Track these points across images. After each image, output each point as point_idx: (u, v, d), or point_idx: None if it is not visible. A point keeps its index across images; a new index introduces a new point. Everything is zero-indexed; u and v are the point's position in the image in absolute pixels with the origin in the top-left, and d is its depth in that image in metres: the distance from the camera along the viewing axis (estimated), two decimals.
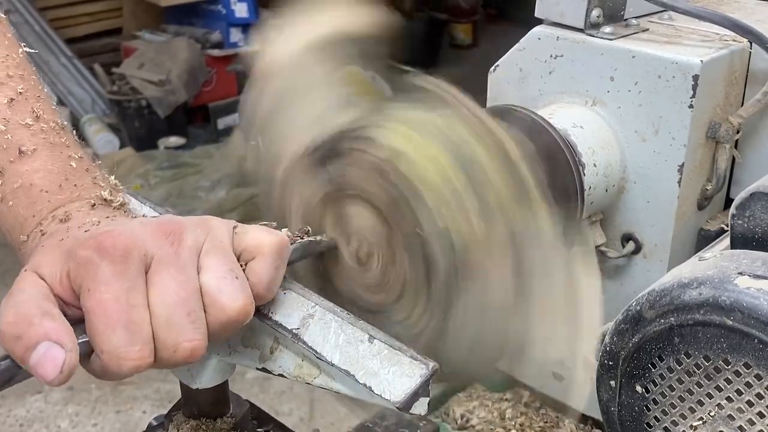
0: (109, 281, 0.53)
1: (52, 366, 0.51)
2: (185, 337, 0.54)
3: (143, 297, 0.54)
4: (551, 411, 1.12)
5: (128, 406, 2.64)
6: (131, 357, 0.53)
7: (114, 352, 0.53)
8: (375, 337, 0.58)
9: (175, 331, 0.54)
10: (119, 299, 0.53)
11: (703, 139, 0.91)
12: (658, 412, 0.71)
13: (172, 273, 0.55)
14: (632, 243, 0.95)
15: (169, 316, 0.54)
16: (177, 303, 0.54)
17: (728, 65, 0.92)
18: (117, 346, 0.52)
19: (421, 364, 0.56)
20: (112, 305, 0.53)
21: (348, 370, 0.57)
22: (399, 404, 0.55)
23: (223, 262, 0.57)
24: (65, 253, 0.55)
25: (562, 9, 0.95)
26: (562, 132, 0.88)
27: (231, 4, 4.52)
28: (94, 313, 0.53)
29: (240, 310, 0.56)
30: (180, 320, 0.54)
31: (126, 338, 0.53)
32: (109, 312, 0.52)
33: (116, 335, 0.52)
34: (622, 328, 0.71)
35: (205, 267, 0.56)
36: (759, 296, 0.63)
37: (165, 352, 0.54)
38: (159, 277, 0.54)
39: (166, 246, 0.56)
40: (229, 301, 0.56)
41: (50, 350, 0.51)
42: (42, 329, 0.51)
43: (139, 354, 0.53)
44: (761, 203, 0.72)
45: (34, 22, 4.44)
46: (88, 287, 0.53)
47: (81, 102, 4.57)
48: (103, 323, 0.52)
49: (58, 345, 0.51)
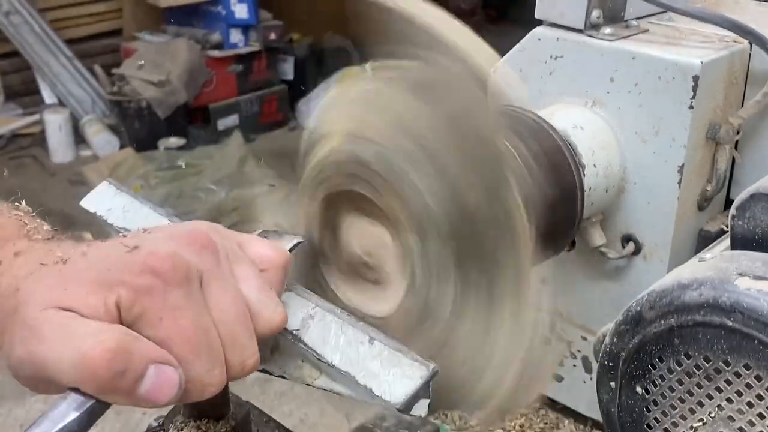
0: (182, 307, 0.50)
1: (170, 387, 0.48)
2: (249, 352, 0.53)
3: (210, 318, 0.52)
4: (551, 412, 1.12)
5: (128, 407, 2.64)
6: (215, 381, 0.51)
7: (199, 379, 0.50)
8: (375, 338, 0.58)
9: (240, 349, 0.53)
10: (196, 325, 0.50)
11: (703, 140, 0.91)
12: (658, 413, 0.71)
13: (222, 287, 0.53)
14: (632, 244, 0.95)
15: (234, 334, 0.52)
16: (237, 320, 0.53)
17: (728, 66, 0.92)
18: (202, 372, 0.50)
19: (422, 365, 0.56)
20: (192, 332, 0.50)
21: (348, 371, 0.57)
22: (399, 406, 0.55)
23: (254, 272, 0.56)
24: (98, 281, 0.50)
25: (562, 10, 0.95)
26: (562, 133, 0.88)
27: (231, 5, 4.53)
28: (175, 342, 0.49)
29: (282, 320, 0.56)
30: (243, 337, 0.53)
31: (208, 363, 0.51)
32: (191, 339, 0.50)
33: (200, 362, 0.50)
34: (622, 329, 0.71)
35: (241, 278, 0.55)
36: (759, 297, 0.63)
37: (233, 370, 0.53)
38: (213, 293, 0.52)
39: (208, 258, 0.53)
40: (273, 314, 0.55)
41: (162, 372, 0.48)
42: (145, 354, 0.48)
43: (219, 378, 0.52)
44: (761, 204, 0.72)
45: (34, 22, 4.44)
46: (158, 316, 0.49)
47: (81, 103, 4.57)
48: (187, 351, 0.50)
49: (166, 365, 0.49)
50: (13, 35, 4.41)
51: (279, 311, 0.56)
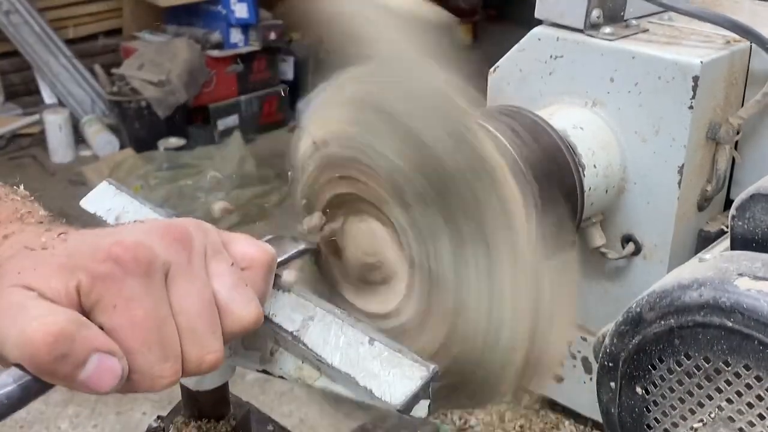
0: (138, 297, 0.50)
1: (111, 377, 0.48)
2: (209, 348, 0.53)
3: (169, 310, 0.52)
4: (551, 413, 1.12)
5: (128, 408, 2.64)
6: (165, 374, 0.51)
7: (147, 371, 0.50)
8: (375, 339, 0.57)
9: (200, 344, 0.52)
10: (150, 315, 0.50)
11: (703, 140, 0.91)
12: (659, 413, 0.71)
13: (189, 281, 0.53)
14: (632, 244, 0.95)
15: (194, 328, 0.52)
16: (199, 314, 0.53)
17: (728, 66, 0.92)
18: (151, 364, 0.50)
19: (422, 366, 0.56)
20: (145, 322, 0.50)
21: (348, 372, 0.57)
22: (399, 407, 0.55)
23: (230, 269, 0.56)
24: (63, 266, 0.51)
25: (562, 9, 0.95)
26: (562, 133, 0.88)
27: (231, 5, 4.52)
28: (126, 331, 0.49)
29: (253, 319, 0.55)
30: (204, 332, 0.53)
31: (159, 355, 0.50)
32: (142, 329, 0.50)
33: (151, 353, 0.50)
34: (623, 330, 0.71)
35: (214, 274, 0.55)
36: (759, 298, 0.63)
37: (190, 364, 0.52)
38: (177, 286, 0.52)
39: (179, 252, 0.53)
40: (243, 311, 0.55)
41: (104, 361, 0.48)
42: (89, 342, 0.48)
43: (171, 370, 0.51)
44: (761, 204, 0.72)
45: (34, 22, 4.44)
46: (113, 303, 0.50)
47: (81, 103, 4.57)
48: (137, 341, 0.50)
49: (109, 354, 0.48)
50: (13, 35, 4.41)
51: (250, 309, 0.55)
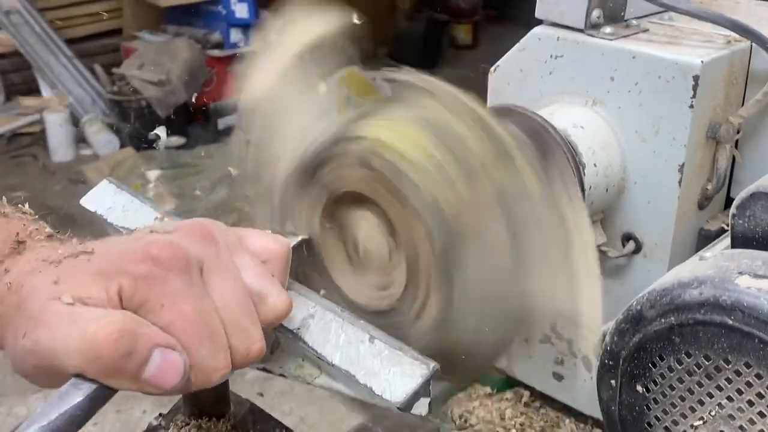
0: (183, 293, 0.50)
1: (175, 372, 0.48)
2: (254, 338, 0.53)
3: (213, 304, 0.52)
4: (551, 411, 1.12)
5: (128, 406, 2.64)
6: (220, 366, 0.51)
7: (203, 364, 0.50)
8: (375, 337, 0.58)
9: (245, 334, 0.53)
10: (198, 310, 0.51)
11: (704, 139, 0.91)
12: (659, 411, 0.71)
13: (223, 275, 0.53)
14: (632, 243, 0.95)
15: (237, 320, 0.53)
16: (239, 306, 0.53)
17: (728, 65, 0.92)
18: (206, 357, 0.50)
19: (422, 364, 0.56)
20: (194, 317, 0.50)
21: (349, 370, 0.57)
22: (400, 405, 0.55)
23: (255, 261, 0.56)
24: (100, 273, 0.51)
25: (562, 9, 0.95)
26: (562, 132, 0.88)
27: (231, 5, 4.52)
28: (177, 328, 0.50)
29: (287, 307, 0.56)
30: (246, 323, 0.53)
31: (212, 348, 0.51)
32: (193, 324, 0.50)
33: (204, 347, 0.50)
34: (623, 328, 0.71)
35: (242, 267, 0.55)
36: (759, 296, 0.63)
37: (238, 355, 0.53)
38: (213, 281, 0.53)
39: (208, 248, 0.54)
40: (277, 300, 0.56)
41: (167, 356, 0.48)
42: (151, 338, 0.48)
43: (224, 362, 0.52)
44: (761, 203, 0.72)
45: (34, 22, 4.44)
46: (160, 303, 0.50)
47: (81, 102, 4.57)
48: (190, 336, 0.50)
49: (171, 349, 0.49)
50: (14, 35, 4.41)
51: (282, 298, 0.56)
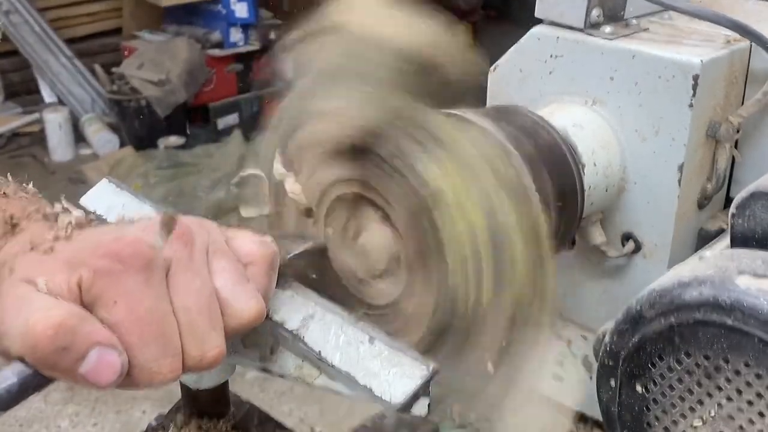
0: (138, 292, 0.50)
1: (111, 371, 0.48)
2: (210, 344, 0.53)
3: (169, 306, 0.52)
4: None
5: (128, 406, 2.64)
6: (164, 370, 0.51)
7: (146, 366, 0.50)
8: (375, 338, 0.58)
9: (201, 340, 0.52)
10: (150, 311, 0.50)
11: (703, 139, 0.91)
12: (659, 411, 0.71)
13: (189, 277, 0.53)
14: (632, 242, 0.95)
15: (194, 324, 0.52)
16: (200, 310, 0.53)
17: (728, 65, 0.92)
18: (150, 360, 0.50)
19: (422, 365, 0.56)
20: (144, 317, 0.50)
21: (348, 371, 0.57)
22: (399, 405, 0.55)
23: (232, 265, 0.56)
24: (67, 262, 0.51)
25: (561, 9, 0.95)
26: (562, 132, 0.88)
27: (231, 4, 4.52)
28: (125, 326, 0.50)
29: (256, 314, 0.55)
30: (204, 328, 0.53)
31: (159, 351, 0.51)
32: (142, 325, 0.50)
33: (150, 349, 0.50)
34: (622, 328, 0.71)
35: (216, 270, 0.55)
36: (759, 296, 0.63)
37: (191, 361, 0.52)
38: (178, 282, 0.52)
39: (180, 249, 0.54)
40: (245, 307, 0.55)
41: (105, 356, 0.48)
42: (90, 336, 0.48)
43: (171, 366, 0.51)
44: (761, 202, 0.72)
45: (34, 22, 4.44)
46: (113, 299, 0.50)
47: (81, 102, 4.57)
48: (136, 337, 0.50)
49: (110, 348, 0.49)
50: (13, 34, 4.41)
51: (252, 305, 0.55)
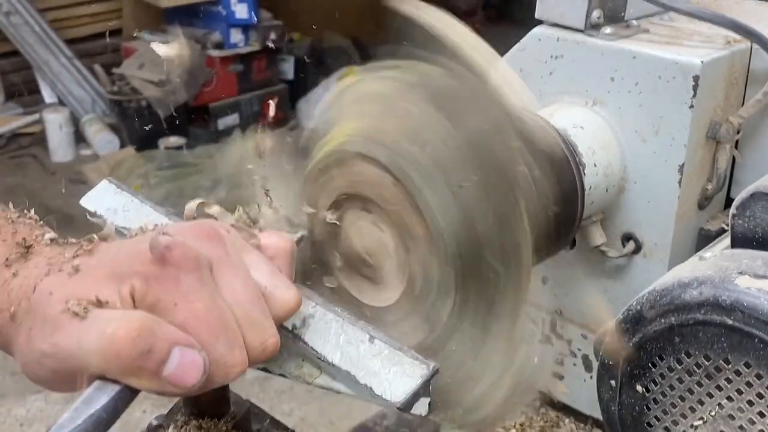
0: (195, 291, 0.51)
1: (195, 369, 0.49)
2: (269, 333, 0.54)
3: (224, 301, 0.52)
4: (551, 411, 1.12)
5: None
6: (237, 362, 0.52)
7: (221, 361, 0.51)
8: (376, 337, 0.58)
9: (259, 330, 0.54)
10: (211, 307, 0.51)
11: (704, 140, 0.91)
12: (659, 411, 0.71)
13: (233, 274, 0.54)
14: (632, 243, 0.95)
15: (250, 316, 0.53)
16: (252, 303, 0.54)
17: (729, 66, 0.92)
18: (223, 354, 0.51)
19: (422, 364, 0.56)
20: (208, 314, 0.51)
21: (349, 370, 0.57)
22: (400, 405, 0.55)
23: (262, 259, 0.57)
24: (111, 275, 0.51)
25: (562, 10, 0.95)
26: (562, 132, 0.88)
27: (231, 5, 4.53)
28: (192, 326, 0.50)
29: (297, 301, 0.57)
30: (259, 318, 0.54)
31: (228, 345, 0.51)
32: (208, 321, 0.50)
33: (220, 344, 0.51)
34: (623, 328, 0.71)
35: (250, 265, 0.56)
36: (759, 296, 0.63)
37: (255, 351, 0.53)
38: (224, 279, 0.53)
39: (216, 248, 0.54)
40: (287, 295, 0.56)
41: (186, 354, 0.49)
42: (169, 336, 0.48)
43: (241, 358, 0.52)
44: (761, 203, 0.72)
45: (34, 22, 4.44)
46: (173, 301, 0.50)
47: (81, 102, 4.57)
48: (205, 334, 0.50)
49: (190, 348, 0.49)
50: (14, 35, 4.41)
51: (293, 293, 0.57)
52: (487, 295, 0.66)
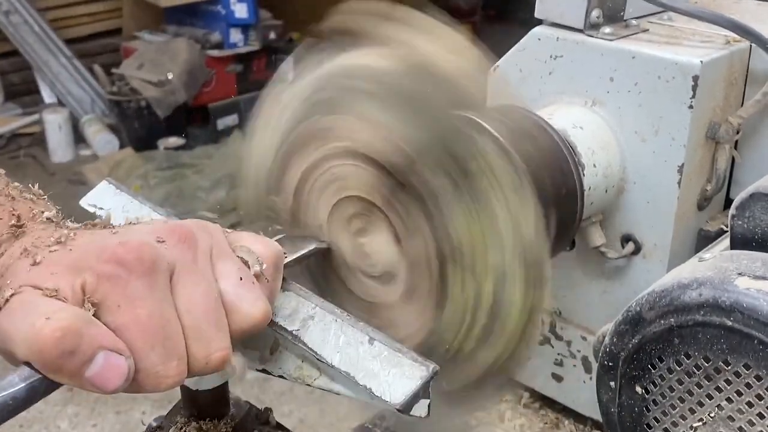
0: (142, 296, 0.50)
1: (117, 375, 0.48)
2: (216, 347, 0.53)
3: (174, 309, 0.52)
4: (551, 412, 1.12)
5: (128, 407, 2.64)
6: (170, 374, 0.51)
7: (152, 370, 0.50)
8: (375, 338, 0.57)
9: (206, 342, 0.52)
10: (154, 315, 0.50)
11: (703, 140, 0.91)
12: (658, 413, 0.71)
13: (194, 281, 0.53)
14: (632, 244, 0.95)
15: (199, 327, 0.52)
16: (205, 313, 0.53)
17: (728, 66, 0.92)
18: (155, 363, 0.50)
19: (422, 365, 0.56)
20: (149, 321, 0.50)
21: (348, 371, 0.57)
22: (399, 406, 0.55)
23: (236, 267, 0.56)
24: (71, 265, 0.51)
25: (561, 9, 0.95)
26: (561, 132, 0.88)
27: (231, 5, 4.52)
28: (130, 331, 0.49)
29: (262, 316, 0.55)
30: (209, 330, 0.53)
31: (164, 355, 0.50)
32: (146, 329, 0.50)
33: (155, 353, 0.50)
34: (622, 329, 0.71)
35: (221, 272, 0.55)
36: (759, 297, 0.63)
37: (197, 363, 0.52)
38: (183, 286, 0.52)
39: (184, 252, 0.54)
40: (251, 308, 0.55)
41: (110, 359, 0.48)
42: (96, 339, 0.48)
43: (177, 370, 0.51)
44: (761, 204, 0.72)
45: (34, 22, 4.44)
46: (117, 303, 0.50)
47: (80, 102, 4.57)
48: (141, 341, 0.50)
49: (115, 353, 0.48)
50: (13, 35, 4.41)
51: (258, 306, 0.55)
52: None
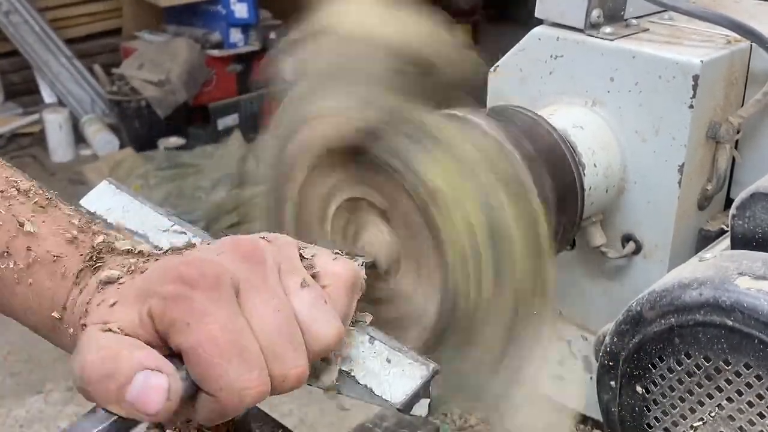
0: (210, 311, 0.49)
1: (157, 394, 0.47)
2: (292, 364, 0.51)
3: (245, 322, 0.50)
4: None
5: None
6: (252, 385, 0.49)
7: (234, 385, 0.49)
8: (375, 338, 0.57)
9: (281, 360, 0.51)
10: (226, 328, 0.49)
11: (704, 140, 0.91)
12: (659, 412, 0.71)
13: (264, 298, 0.51)
14: (632, 243, 0.95)
15: (273, 344, 0.51)
16: (279, 330, 0.51)
17: (728, 65, 0.92)
18: (236, 377, 0.48)
19: (422, 365, 0.56)
20: (221, 335, 0.48)
21: (348, 371, 0.57)
22: (399, 406, 0.55)
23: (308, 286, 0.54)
24: (138, 295, 0.51)
25: (562, 9, 0.95)
26: (562, 132, 0.88)
27: (231, 5, 4.52)
28: (204, 347, 0.48)
29: (334, 339, 0.54)
30: (284, 348, 0.51)
31: (243, 366, 0.49)
32: (220, 343, 0.48)
33: (233, 366, 0.48)
34: (623, 329, 0.71)
35: (291, 291, 0.53)
36: (759, 297, 0.63)
37: (275, 381, 0.51)
38: (252, 303, 0.51)
39: (250, 269, 0.52)
40: (323, 329, 0.53)
41: (150, 379, 0.47)
42: (134, 359, 0.47)
43: (258, 380, 0.49)
44: (761, 203, 0.72)
45: (34, 22, 4.44)
46: (186, 322, 0.48)
47: (80, 102, 4.57)
48: (217, 356, 0.48)
49: (156, 371, 0.47)
50: (13, 35, 4.41)
51: (330, 328, 0.53)
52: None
